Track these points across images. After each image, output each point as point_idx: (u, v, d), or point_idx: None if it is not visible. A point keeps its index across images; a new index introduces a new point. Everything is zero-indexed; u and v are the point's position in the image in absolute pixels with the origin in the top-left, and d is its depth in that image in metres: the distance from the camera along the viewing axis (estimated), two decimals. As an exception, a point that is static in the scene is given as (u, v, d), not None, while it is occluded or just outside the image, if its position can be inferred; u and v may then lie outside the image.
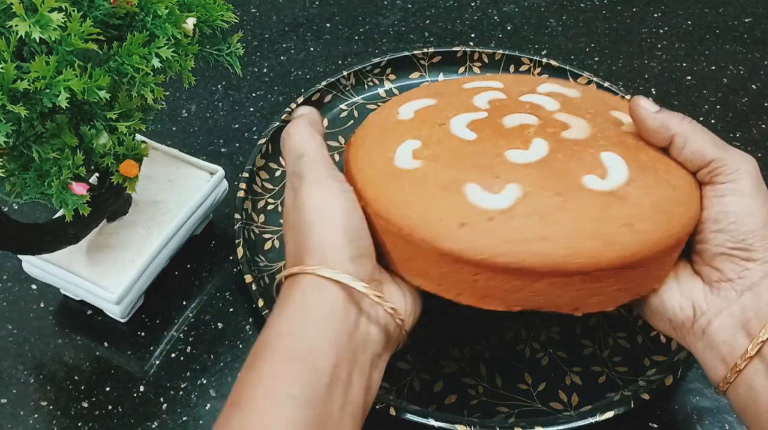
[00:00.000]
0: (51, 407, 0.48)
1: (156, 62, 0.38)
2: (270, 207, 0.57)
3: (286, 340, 0.34)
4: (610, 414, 0.44)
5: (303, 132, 0.40)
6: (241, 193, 0.55)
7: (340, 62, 0.70)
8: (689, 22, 0.74)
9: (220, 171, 0.54)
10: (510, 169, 0.37)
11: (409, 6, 0.76)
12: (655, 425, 0.47)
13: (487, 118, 0.40)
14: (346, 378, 0.34)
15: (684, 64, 0.70)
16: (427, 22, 0.74)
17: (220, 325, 0.52)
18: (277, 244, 0.54)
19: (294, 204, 0.38)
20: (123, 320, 0.51)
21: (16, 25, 0.33)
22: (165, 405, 0.48)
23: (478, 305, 0.37)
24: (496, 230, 0.35)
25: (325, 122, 0.62)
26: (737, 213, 0.36)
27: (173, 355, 0.50)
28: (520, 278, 0.35)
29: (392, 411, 0.43)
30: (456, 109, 0.41)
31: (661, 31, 0.73)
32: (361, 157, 0.40)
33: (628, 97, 0.62)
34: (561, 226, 0.35)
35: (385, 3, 0.76)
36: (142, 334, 0.51)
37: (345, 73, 0.63)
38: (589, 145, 0.38)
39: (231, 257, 0.55)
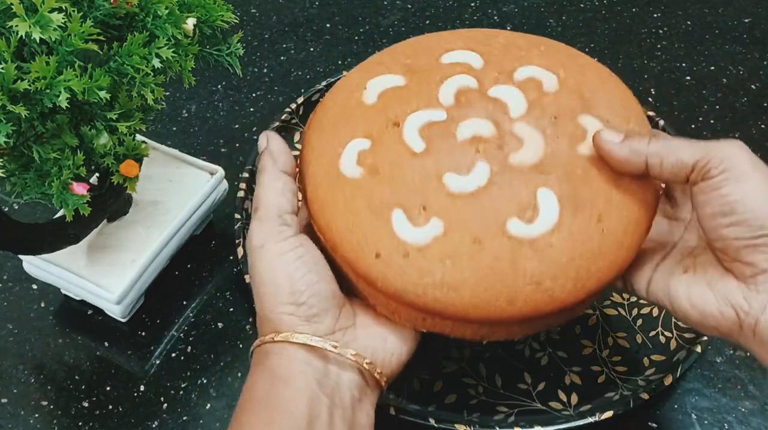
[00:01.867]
0: (51, 407, 0.48)
1: (156, 62, 0.38)
2: (270, 207, 0.57)
3: (260, 395, 0.35)
4: (609, 414, 0.44)
5: (266, 181, 0.39)
6: (241, 194, 0.55)
7: (340, 62, 0.70)
8: (689, 22, 0.74)
9: (220, 171, 0.54)
10: (440, 200, 0.37)
11: (409, 6, 0.76)
12: (654, 425, 0.47)
13: (444, 122, 0.39)
14: (326, 418, 0.35)
15: (684, 64, 0.70)
16: (427, 22, 0.74)
17: (220, 325, 0.52)
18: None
19: (249, 269, 0.39)
20: (123, 320, 0.51)
21: (17, 26, 0.33)
22: (165, 405, 0.48)
23: (391, 318, 0.39)
24: (407, 269, 0.36)
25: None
26: (744, 201, 0.33)
27: (173, 355, 0.50)
28: (426, 315, 0.38)
29: (392, 411, 0.43)
30: (418, 100, 0.40)
31: (661, 31, 0.73)
32: (314, 143, 0.41)
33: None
34: (468, 277, 0.36)
35: (385, 3, 0.76)
36: (143, 334, 0.51)
37: (345, 73, 0.63)
38: (532, 176, 0.37)
39: (231, 257, 0.55)
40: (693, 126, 0.64)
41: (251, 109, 0.66)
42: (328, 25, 0.74)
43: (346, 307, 0.39)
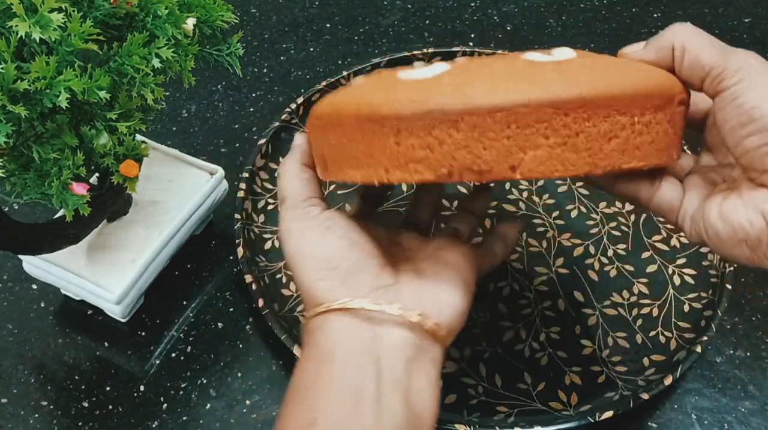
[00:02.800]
0: (51, 407, 0.48)
1: (156, 62, 0.38)
2: (270, 207, 0.57)
3: (305, 385, 0.35)
4: (609, 414, 0.44)
5: (289, 171, 0.39)
6: (241, 194, 0.55)
7: (340, 62, 0.70)
8: (689, 22, 0.74)
9: (220, 171, 0.54)
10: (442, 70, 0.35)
11: (409, 6, 0.76)
12: (654, 425, 0.47)
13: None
14: (373, 393, 0.33)
15: (684, 64, 0.70)
16: (427, 22, 0.74)
17: (220, 325, 0.52)
18: (277, 244, 0.54)
19: (286, 242, 0.38)
20: (123, 320, 0.51)
21: (16, 26, 0.33)
22: (165, 405, 0.48)
23: (407, 179, 0.34)
24: (409, 87, 0.34)
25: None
26: (760, 107, 0.32)
27: (173, 355, 0.50)
28: (439, 124, 0.33)
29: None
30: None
31: (661, 31, 0.73)
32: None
33: None
34: (482, 77, 0.33)
35: (385, 3, 0.76)
36: (143, 334, 0.51)
37: (345, 73, 0.63)
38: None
39: (231, 257, 0.55)
40: (693, 126, 0.64)
41: (251, 109, 0.66)
42: (328, 25, 0.74)
43: (386, 267, 0.37)
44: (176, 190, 0.53)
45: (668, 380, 0.45)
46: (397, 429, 0.33)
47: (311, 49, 0.71)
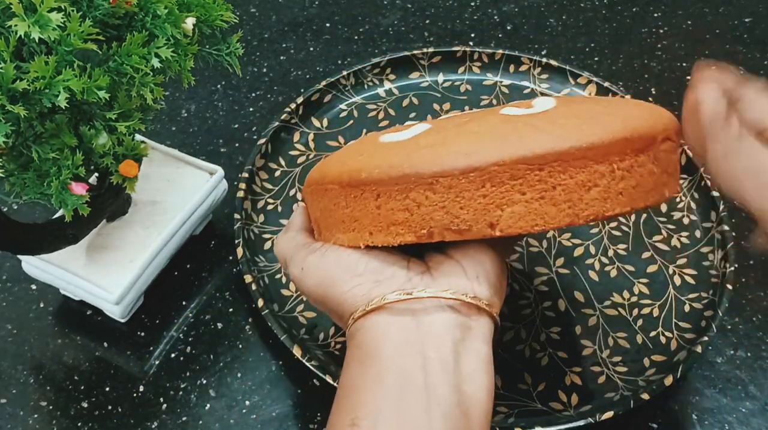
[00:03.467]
0: (51, 408, 0.48)
1: (155, 62, 0.38)
2: (269, 207, 0.57)
3: (349, 387, 0.34)
4: (609, 414, 0.44)
5: (282, 239, 0.41)
6: (240, 193, 0.55)
7: (339, 62, 0.70)
8: (689, 22, 0.74)
9: (220, 171, 0.54)
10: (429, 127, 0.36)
11: (409, 6, 0.76)
12: (654, 425, 0.47)
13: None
14: (420, 380, 0.32)
15: (684, 64, 0.70)
16: (427, 22, 0.74)
17: (219, 325, 0.52)
18: (276, 244, 0.54)
19: (306, 281, 0.38)
20: (123, 320, 0.51)
21: (16, 25, 0.33)
22: (165, 405, 0.48)
23: (390, 241, 0.35)
24: (389, 150, 0.34)
25: (325, 122, 0.62)
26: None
27: (173, 355, 0.50)
28: (415, 187, 0.33)
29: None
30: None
31: (661, 31, 0.73)
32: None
33: (626, 96, 0.62)
34: (457, 136, 0.33)
35: (385, 3, 0.76)
36: (142, 334, 0.51)
37: (345, 73, 0.63)
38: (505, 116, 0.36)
39: (231, 257, 0.55)
40: (693, 126, 0.64)
41: (251, 109, 0.66)
42: (327, 25, 0.74)
43: (413, 259, 0.37)
44: (175, 190, 0.53)
45: (669, 381, 0.45)
46: (448, 415, 0.32)
47: (311, 49, 0.71)
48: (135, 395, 0.48)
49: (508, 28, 0.74)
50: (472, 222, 0.33)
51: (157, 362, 0.50)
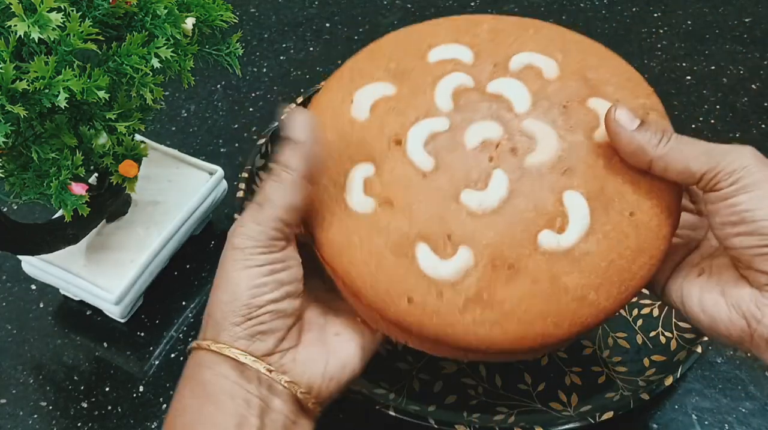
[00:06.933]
0: (50, 408, 0.48)
1: (155, 62, 0.38)
2: (269, 207, 0.57)
3: (187, 418, 0.34)
4: (609, 414, 0.44)
5: (285, 180, 0.36)
6: (240, 194, 0.55)
7: (339, 62, 0.70)
8: (689, 22, 0.74)
9: (220, 171, 0.54)
10: (463, 224, 0.35)
11: (409, 6, 0.76)
12: (655, 425, 0.47)
13: (449, 131, 0.37)
14: None
15: (684, 64, 0.70)
16: (427, 21, 0.74)
17: (219, 325, 0.52)
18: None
19: (219, 262, 0.36)
20: (122, 321, 0.51)
21: (15, 25, 0.33)
22: (165, 405, 0.48)
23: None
24: (442, 310, 0.34)
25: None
26: (754, 211, 0.32)
27: (173, 355, 0.50)
28: (465, 352, 0.36)
29: (392, 412, 0.43)
30: (415, 109, 0.37)
31: (661, 31, 0.73)
32: None
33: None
34: (509, 308, 0.34)
35: (385, 3, 0.76)
36: (142, 334, 0.51)
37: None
38: (554, 178, 0.35)
39: (230, 257, 0.55)
40: (693, 126, 0.64)
41: (251, 109, 0.66)
42: (327, 25, 0.74)
43: (297, 325, 0.36)
44: (175, 191, 0.53)
45: (669, 381, 0.45)
46: None
47: (311, 49, 0.71)
48: (135, 395, 0.48)
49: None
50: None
51: (157, 362, 0.50)
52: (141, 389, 0.49)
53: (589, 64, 0.39)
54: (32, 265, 0.50)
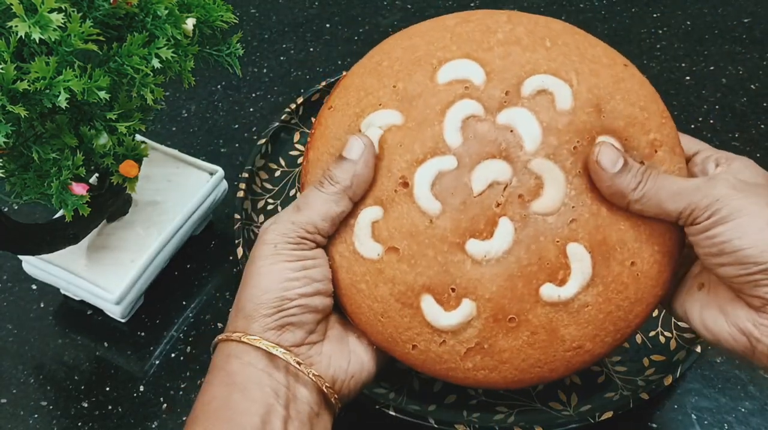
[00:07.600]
0: (51, 407, 0.48)
1: (156, 63, 0.38)
2: (270, 207, 0.57)
3: (215, 405, 0.34)
4: (609, 414, 0.44)
5: (327, 192, 0.37)
6: (240, 194, 0.55)
7: (339, 62, 0.70)
8: (688, 22, 0.74)
9: (220, 171, 0.54)
10: (467, 276, 0.36)
11: (409, 6, 0.76)
12: (654, 425, 0.47)
13: (456, 170, 0.36)
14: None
15: (683, 64, 0.70)
16: (427, 22, 0.74)
17: (219, 325, 0.52)
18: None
19: (250, 257, 0.37)
20: (123, 320, 0.51)
21: (16, 26, 0.33)
22: (165, 405, 0.48)
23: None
24: (445, 357, 0.36)
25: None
26: (732, 241, 0.33)
27: (173, 355, 0.50)
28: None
29: (392, 411, 0.43)
30: (423, 145, 0.37)
31: (661, 31, 0.73)
32: None
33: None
34: (507, 357, 0.36)
35: (385, 3, 0.76)
36: (142, 334, 0.51)
37: (344, 73, 0.63)
38: (558, 229, 0.36)
39: (231, 257, 0.55)
40: (693, 126, 0.64)
41: (251, 109, 0.66)
42: (327, 25, 0.74)
43: (323, 322, 0.37)
44: (176, 191, 0.53)
45: (668, 380, 0.45)
46: None
47: (311, 49, 0.71)
48: (135, 394, 0.48)
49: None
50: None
51: (157, 362, 0.50)
52: (141, 388, 0.49)
53: (602, 92, 0.37)
54: (33, 265, 0.50)
